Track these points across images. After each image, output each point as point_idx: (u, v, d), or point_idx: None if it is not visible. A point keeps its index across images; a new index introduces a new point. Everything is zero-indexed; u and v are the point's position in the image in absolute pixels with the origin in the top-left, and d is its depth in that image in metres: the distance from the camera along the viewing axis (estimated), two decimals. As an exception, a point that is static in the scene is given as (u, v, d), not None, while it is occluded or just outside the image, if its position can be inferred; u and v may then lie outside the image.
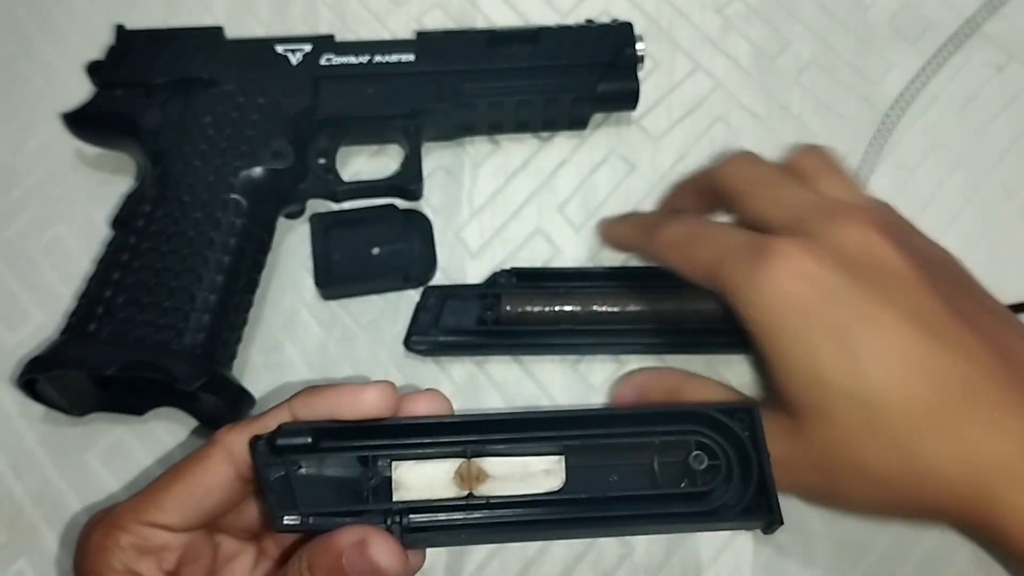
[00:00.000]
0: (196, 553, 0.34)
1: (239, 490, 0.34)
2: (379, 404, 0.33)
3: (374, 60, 0.47)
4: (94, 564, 0.32)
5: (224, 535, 0.36)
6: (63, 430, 0.43)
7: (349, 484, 0.33)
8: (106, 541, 0.32)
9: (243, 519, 0.36)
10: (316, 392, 0.33)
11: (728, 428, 0.33)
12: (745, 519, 0.33)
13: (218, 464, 0.33)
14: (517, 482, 0.33)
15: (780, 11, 0.54)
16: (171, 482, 0.33)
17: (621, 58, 0.48)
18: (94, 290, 0.42)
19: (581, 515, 0.33)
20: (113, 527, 0.32)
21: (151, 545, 0.32)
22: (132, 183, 0.48)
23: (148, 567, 0.32)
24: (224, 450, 0.33)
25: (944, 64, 0.52)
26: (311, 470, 0.33)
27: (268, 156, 0.44)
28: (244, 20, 0.53)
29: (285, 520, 0.32)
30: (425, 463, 0.33)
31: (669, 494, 0.33)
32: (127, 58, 0.47)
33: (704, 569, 0.41)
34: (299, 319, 0.46)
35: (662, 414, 0.34)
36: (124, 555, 0.32)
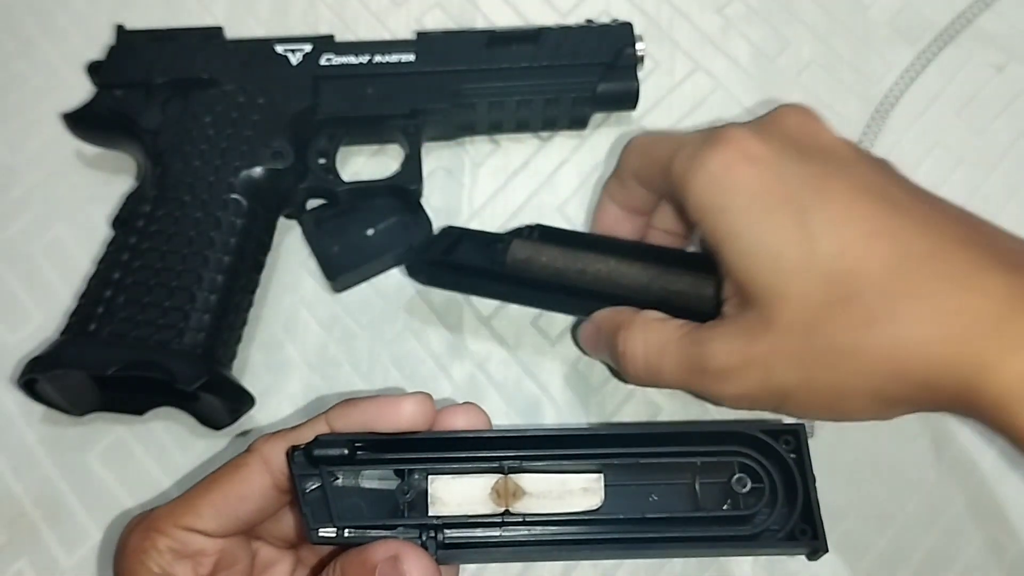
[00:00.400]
0: (232, 559, 0.34)
1: (276, 499, 0.34)
2: (416, 416, 0.33)
3: (374, 60, 0.47)
4: (131, 566, 0.32)
5: (262, 543, 0.36)
6: (63, 430, 0.43)
7: (385, 497, 0.33)
8: (144, 544, 0.32)
9: (281, 527, 0.36)
10: (353, 404, 0.33)
11: (773, 450, 0.32)
12: (788, 545, 0.32)
13: (255, 473, 0.33)
14: (555, 500, 0.32)
15: (780, 11, 0.54)
16: (208, 488, 0.33)
17: (621, 58, 0.48)
18: (94, 290, 0.42)
19: (619, 536, 0.32)
20: (151, 530, 0.33)
21: (188, 549, 0.32)
22: (132, 183, 0.48)
23: (184, 571, 0.32)
24: (261, 459, 0.33)
25: (935, 58, 0.52)
26: (347, 482, 0.33)
27: (268, 156, 0.44)
28: (244, 20, 0.53)
29: (320, 532, 0.32)
30: (462, 478, 0.33)
31: (710, 516, 0.32)
32: (127, 58, 0.47)
33: (704, 569, 0.41)
34: (299, 319, 0.46)
35: (705, 434, 0.34)
36: (161, 558, 0.32)
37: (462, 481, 0.33)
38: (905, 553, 0.42)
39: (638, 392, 0.45)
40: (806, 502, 0.32)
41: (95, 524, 0.42)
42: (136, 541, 0.33)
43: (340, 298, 0.47)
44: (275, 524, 0.35)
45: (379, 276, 0.47)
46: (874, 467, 0.43)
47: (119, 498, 0.42)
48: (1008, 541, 0.42)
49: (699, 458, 0.33)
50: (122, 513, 0.42)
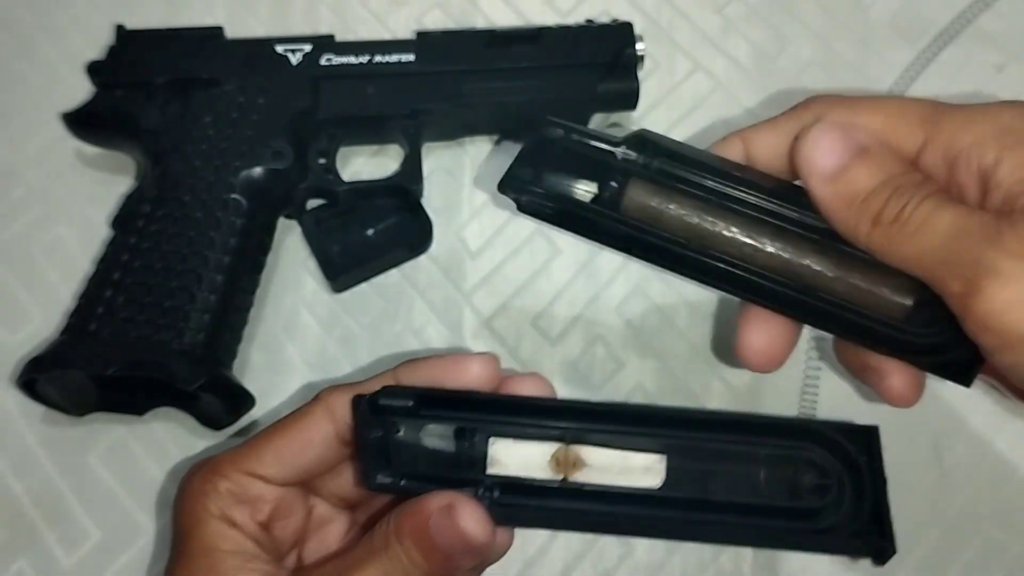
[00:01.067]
0: (289, 510, 0.34)
1: (336, 450, 0.34)
2: (482, 375, 0.33)
3: (374, 60, 0.47)
4: (191, 507, 0.33)
5: (319, 499, 0.36)
6: (63, 430, 0.43)
7: (444, 454, 0.33)
8: (205, 486, 0.33)
9: (339, 484, 0.36)
10: (421, 362, 0.34)
11: (843, 449, 0.32)
12: (854, 545, 0.32)
13: (318, 420, 0.34)
14: (615, 475, 0.32)
15: (780, 11, 0.54)
16: (272, 435, 0.34)
17: (621, 58, 0.48)
18: (94, 290, 0.42)
19: (679, 517, 0.32)
20: (213, 473, 0.33)
21: (247, 494, 0.33)
22: (132, 183, 0.48)
23: (242, 515, 0.33)
24: (326, 408, 0.34)
25: (935, 58, 0.52)
26: (409, 435, 0.33)
27: (268, 156, 0.44)
28: (244, 20, 0.53)
29: (378, 478, 0.32)
30: (522, 443, 0.33)
31: (775, 507, 0.32)
32: (127, 58, 0.47)
33: (704, 568, 0.41)
34: (299, 319, 0.46)
35: (773, 426, 0.33)
36: (221, 500, 0.33)
37: (522, 446, 0.33)
38: (905, 553, 0.42)
39: (639, 392, 0.45)
40: (875, 503, 0.31)
41: (95, 524, 0.42)
42: (198, 483, 0.33)
43: (340, 298, 0.47)
44: (333, 480, 0.36)
45: (379, 276, 0.47)
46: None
47: (119, 498, 0.42)
48: (1009, 541, 0.42)
49: (765, 449, 0.32)
50: (122, 513, 0.42)
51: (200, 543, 0.32)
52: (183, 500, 0.34)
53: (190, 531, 0.33)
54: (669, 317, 0.47)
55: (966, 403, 0.44)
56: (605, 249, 0.48)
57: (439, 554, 0.31)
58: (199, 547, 0.32)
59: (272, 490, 0.34)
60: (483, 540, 0.31)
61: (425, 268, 0.47)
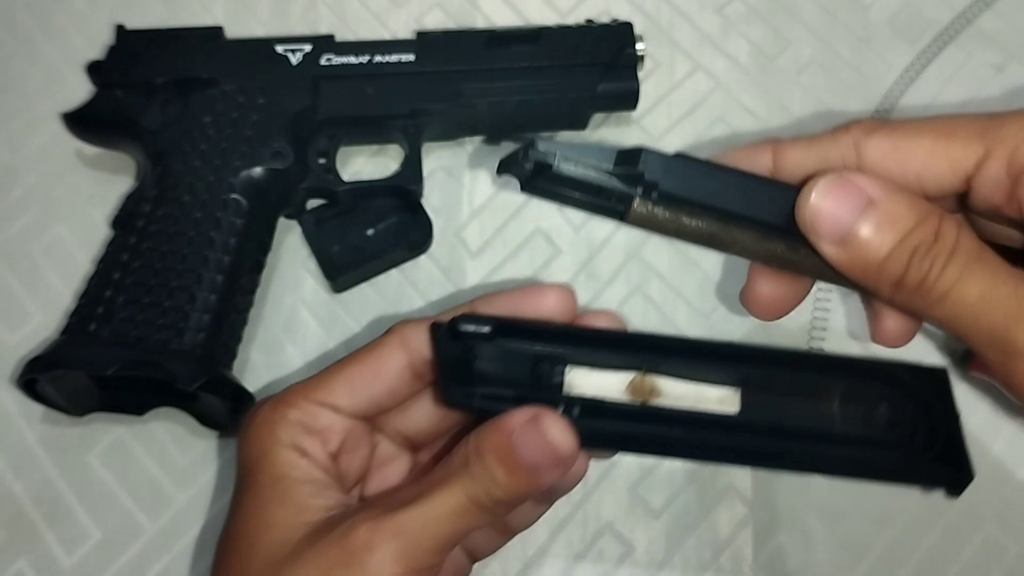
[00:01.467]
0: (356, 444, 0.34)
1: (408, 383, 0.34)
2: (559, 306, 0.33)
3: (374, 60, 0.47)
4: (260, 437, 0.32)
5: (383, 437, 0.36)
6: (63, 430, 0.43)
7: (522, 380, 0.32)
8: (274, 415, 0.33)
9: (405, 422, 0.35)
10: (497, 294, 0.34)
11: (915, 389, 0.32)
12: (929, 473, 0.31)
13: (392, 351, 0.33)
14: (691, 404, 0.32)
15: (780, 11, 0.54)
16: (343, 366, 0.34)
17: (621, 58, 0.48)
18: (94, 290, 0.42)
19: (755, 443, 0.32)
20: (282, 403, 0.33)
21: (317, 424, 0.33)
22: (132, 183, 0.48)
23: (313, 445, 0.32)
24: (400, 339, 0.33)
25: (935, 57, 0.52)
26: (487, 361, 0.32)
27: (268, 156, 0.44)
28: (244, 20, 0.53)
29: (456, 394, 0.32)
30: (598, 372, 0.32)
31: (850, 437, 0.32)
32: (127, 58, 0.47)
33: (704, 568, 0.41)
34: (299, 319, 0.46)
35: (846, 364, 0.33)
36: (291, 429, 0.32)
37: (598, 375, 0.32)
38: (905, 553, 0.42)
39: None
40: (950, 435, 0.31)
41: (95, 524, 0.42)
42: (266, 412, 0.33)
43: (340, 298, 0.47)
44: (400, 417, 0.35)
45: (379, 276, 0.47)
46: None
47: (119, 498, 0.42)
48: (1008, 541, 0.42)
49: (839, 384, 0.32)
50: (122, 513, 0.42)
51: (270, 472, 0.32)
52: (250, 431, 0.33)
53: (258, 461, 0.32)
54: (670, 317, 0.47)
55: (965, 404, 0.44)
56: (605, 248, 0.48)
57: (523, 469, 0.30)
58: (269, 476, 0.32)
59: (342, 421, 0.33)
60: (570, 451, 0.30)
61: (425, 268, 0.47)
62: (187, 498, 0.42)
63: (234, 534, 0.32)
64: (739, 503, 0.43)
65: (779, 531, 0.42)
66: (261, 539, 0.31)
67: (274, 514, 0.31)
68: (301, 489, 0.31)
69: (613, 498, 0.43)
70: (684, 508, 0.43)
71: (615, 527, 0.42)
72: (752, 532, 0.42)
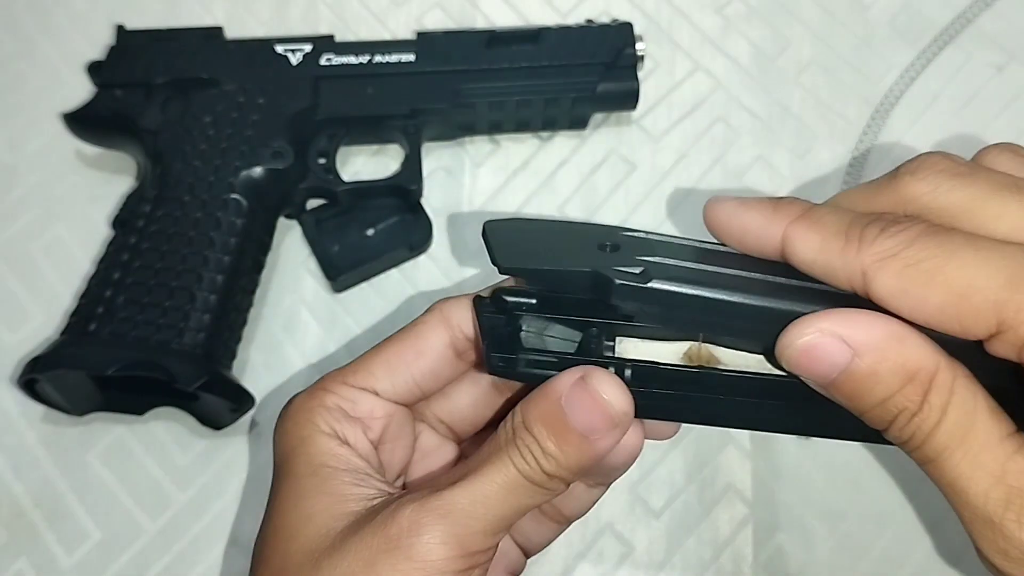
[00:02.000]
0: (398, 432, 0.32)
1: (450, 362, 0.32)
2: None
3: (374, 60, 0.47)
4: (295, 425, 0.31)
5: (426, 427, 0.34)
6: (63, 430, 0.43)
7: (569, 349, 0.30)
8: (310, 402, 0.31)
9: (449, 409, 0.34)
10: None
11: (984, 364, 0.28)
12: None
13: (433, 328, 0.32)
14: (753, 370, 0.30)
15: (780, 11, 0.54)
16: (382, 348, 0.32)
17: (621, 58, 0.48)
18: (94, 290, 0.42)
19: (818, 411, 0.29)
20: (319, 389, 0.31)
21: (357, 410, 0.31)
22: (132, 183, 0.48)
23: (353, 432, 0.31)
24: (441, 316, 0.32)
25: (935, 57, 0.52)
26: (532, 333, 0.30)
27: (268, 156, 0.44)
28: (244, 20, 0.53)
29: (501, 361, 0.29)
30: (651, 342, 0.30)
31: None
32: (127, 58, 0.47)
33: (704, 568, 0.41)
34: (299, 319, 0.46)
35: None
36: (329, 416, 0.30)
37: (652, 344, 0.30)
38: (905, 553, 0.42)
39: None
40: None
41: (95, 524, 0.42)
42: (301, 400, 0.31)
43: (340, 298, 0.47)
44: (443, 403, 0.34)
45: (379, 276, 0.47)
46: (874, 468, 0.43)
47: (119, 498, 0.42)
48: (1008, 541, 0.42)
49: None
50: (122, 513, 0.42)
51: (307, 461, 0.30)
52: (286, 420, 0.31)
53: (295, 450, 0.30)
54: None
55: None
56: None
57: (575, 436, 0.27)
58: (306, 466, 0.30)
59: (383, 406, 0.31)
60: (624, 410, 0.28)
61: (425, 268, 0.47)
62: (187, 498, 0.42)
63: (273, 528, 0.30)
64: (739, 503, 0.43)
65: (779, 531, 0.42)
66: (301, 532, 0.29)
67: (313, 505, 0.29)
68: (341, 478, 0.29)
69: (613, 498, 0.43)
70: (684, 508, 0.43)
71: (615, 527, 0.42)
72: (752, 532, 0.42)
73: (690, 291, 0.28)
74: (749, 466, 0.43)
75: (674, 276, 0.28)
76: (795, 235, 0.28)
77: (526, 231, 0.34)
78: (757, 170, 0.50)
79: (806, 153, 0.50)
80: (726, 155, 0.50)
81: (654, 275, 0.28)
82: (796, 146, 0.50)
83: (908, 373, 0.26)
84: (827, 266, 0.27)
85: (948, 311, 0.25)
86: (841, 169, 0.50)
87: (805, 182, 0.49)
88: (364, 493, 0.29)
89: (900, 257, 0.26)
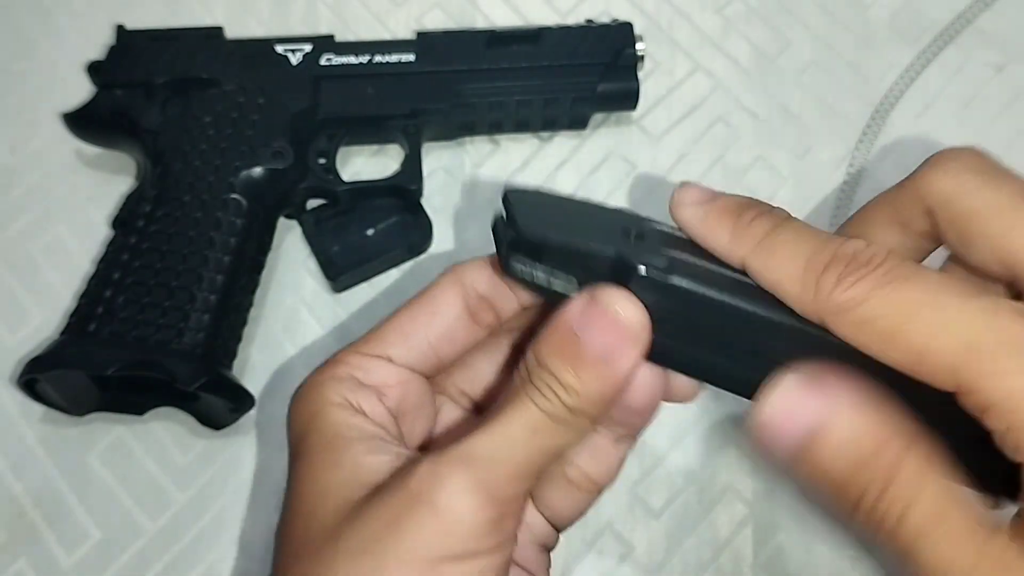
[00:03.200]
0: (418, 403, 0.31)
1: (465, 325, 0.31)
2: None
3: (374, 60, 0.47)
4: (307, 402, 0.30)
5: (447, 400, 0.33)
6: (63, 430, 0.43)
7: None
8: (322, 376, 0.30)
9: (469, 379, 0.33)
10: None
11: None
12: None
13: (445, 289, 0.31)
14: None
15: (780, 11, 0.54)
16: (395, 315, 0.31)
17: (621, 58, 0.48)
18: (94, 290, 0.42)
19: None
20: (331, 362, 0.31)
21: (370, 378, 0.30)
22: (132, 183, 0.48)
23: (368, 400, 0.30)
24: (454, 276, 0.31)
25: (935, 57, 0.52)
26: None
27: (268, 156, 0.44)
28: (244, 20, 0.53)
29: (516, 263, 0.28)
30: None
31: None
32: (127, 58, 0.47)
33: (704, 568, 0.41)
34: (299, 319, 0.46)
35: None
36: (341, 386, 0.30)
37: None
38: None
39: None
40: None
41: (95, 524, 0.42)
42: (314, 376, 0.30)
43: (340, 298, 0.47)
44: (462, 373, 0.33)
45: (379, 276, 0.47)
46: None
47: (119, 498, 0.42)
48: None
49: None
50: (122, 513, 0.42)
51: (321, 435, 0.29)
52: (298, 398, 0.30)
53: (308, 426, 0.29)
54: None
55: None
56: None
57: (593, 361, 0.26)
58: (320, 440, 0.29)
59: (397, 373, 0.30)
60: (639, 321, 0.26)
61: (425, 268, 0.47)
62: (187, 498, 0.42)
63: (291, 510, 0.29)
64: (739, 503, 0.43)
65: (779, 531, 0.42)
66: (319, 508, 0.28)
67: (329, 479, 0.28)
68: (355, 448, 0.28)
69: (613, 498, 0.43)
70: (684, 508, 0.43)
71: (615, 527, 0.42)
72: (752, 532, 0.42)
73: (712, 294, 0.27)
74: (749, 466, 0.43)
75: (698, 276, 0.27)
76: (754, 270, 0.27)
77: (548, 204, 0.32)
78: (757, 170, 0.50)
79: (806, 153, 0.50)
80: (726, 155, 0.50)
81: (677, 271, 0.27)
82: (796, 146, 0.50)
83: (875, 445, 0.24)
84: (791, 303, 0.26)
85: (907, 367, 0.25)
86: (841, 169, 0.50)
87: (805, 182, 0.50)
88: (381, 460, 0.28)
89: (856, 312, 0.25)
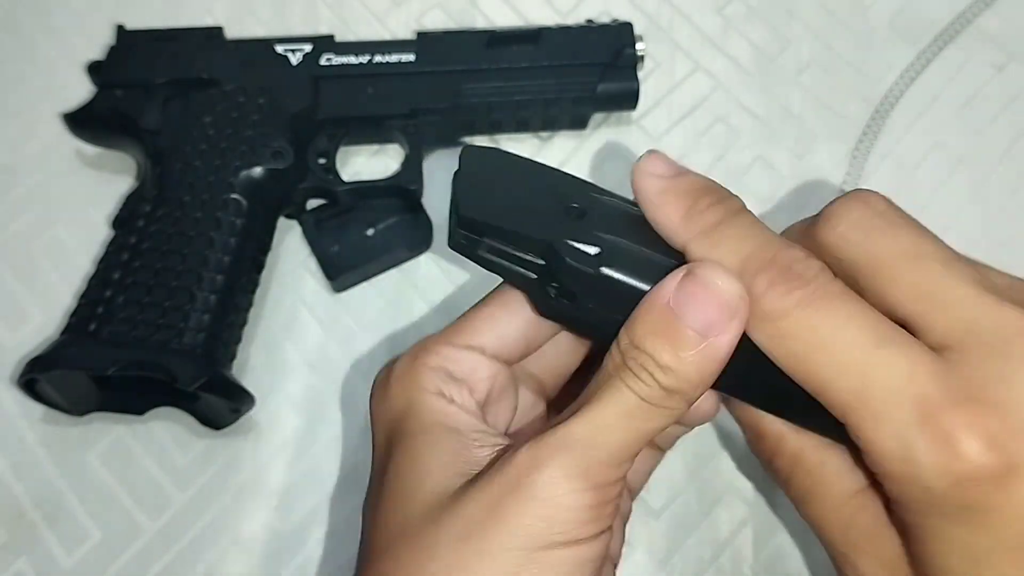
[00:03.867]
0: (502, 393, 0.31)
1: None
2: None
3: (374, 60, 0.47)
4: (402, 390, 0.30)
5: (523, 388, 0.33)
6: (63, 430, 0.43)
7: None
8: (414, 365, 0.30)
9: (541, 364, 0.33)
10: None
11: None
12: None
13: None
14: None
15: (780, 11, 0.54)
16: (484, 304, 0.31)
17: (621, 58, 0.48)
18: (94, 290, 0.42)
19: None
20: (420, 351, 0.30)
21: (461, 369, 0.30)
22: (132, 183, 0.48)
23: (460, 393, 0.29)
24: None
25: (935, 57, 0.52)
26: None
27: (268, 156, 0.44)
28: (244, 20, 0.53)
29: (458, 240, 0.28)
30: None
31: None
32: (127, 58, 0.47)
33: (704, 568, 0.41)
34: (299, 319, 0.46)
35: None
36: (434, 376, 0.29)
37: None
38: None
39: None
40: None
41: (95, 524, 0.42)
42: (404, 365, 0.30)
43: (340, 298, 0.47)
44: (536, 361, 0.32)
45: (379, 276, 0.47)
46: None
47: (119, 498, 0.42)
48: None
49: None
50: (122, 513, 0.42)
51: (418, 421, 0.29)
52: (391, 386, 0.30)
53: (405, 413, 0.29)
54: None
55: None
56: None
57: (693, 338, 0.25)
58: (418, 425, 0.28)
59: (487, 365, 0.30)
60: (740, 292, 0.26)
61: (425, 268, 0.47)
62: (187, 498, 0.42)
63: (389, 492, 0.29)
64: (739, 503, 0.43)
65: (779, 531, 0.42)
66: (419, 491, 0.28)
67: (429, 463, 0.28)
68: (452, 437, 0.28)
69: (613, 498, 0.43)
70: (684, 508, 0.43)
71: (615, 527, 0.42)
72: (752, 532, 0.42)
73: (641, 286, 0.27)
74: (749, 466, 0.43)
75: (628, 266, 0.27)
76: (693, 258, 0.27)
77: (501, 171, 0.31)
78: (757, 170, 0.50)
79: (806, 153, 0.50)
80: (726, 155, 0.50)
81: (606, 260, 0.27)
82: (796, 146, 0.50)
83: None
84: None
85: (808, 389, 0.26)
86: (841, 169, 0.50)
87: (805, 182, 0.50)
88: (478, 450, 0.28)
89: (775, 325, 0.26)
